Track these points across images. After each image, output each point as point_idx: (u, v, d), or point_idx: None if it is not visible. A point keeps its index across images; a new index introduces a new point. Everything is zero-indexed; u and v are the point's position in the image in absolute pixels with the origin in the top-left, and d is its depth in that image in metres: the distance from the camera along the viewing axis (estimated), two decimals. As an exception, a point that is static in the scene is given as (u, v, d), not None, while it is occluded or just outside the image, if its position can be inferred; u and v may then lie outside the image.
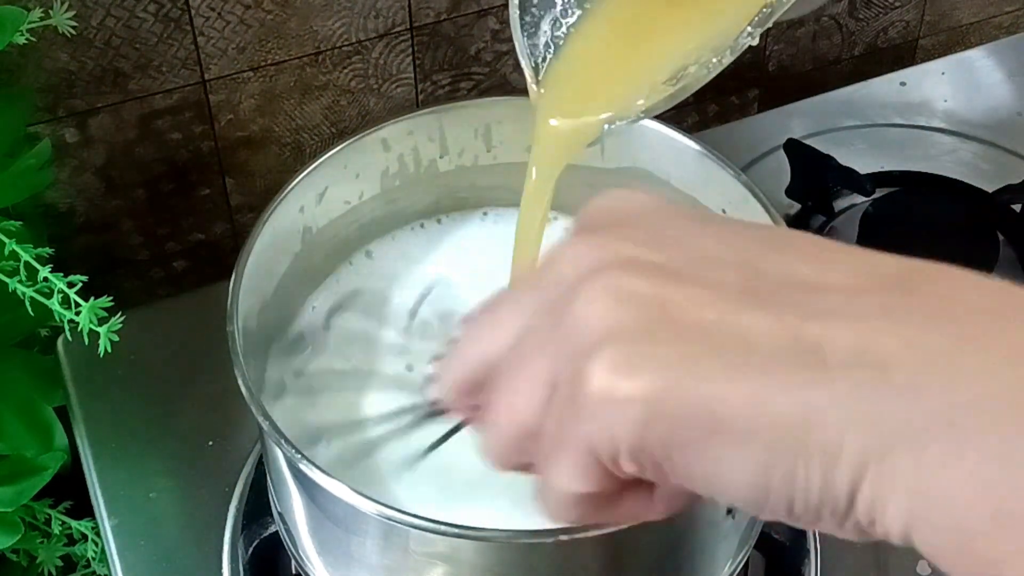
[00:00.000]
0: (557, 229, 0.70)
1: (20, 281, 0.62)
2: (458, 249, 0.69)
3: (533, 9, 0.56)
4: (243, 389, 0.53)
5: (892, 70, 0.98)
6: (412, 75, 0.86)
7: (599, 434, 0.33)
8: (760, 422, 0.31)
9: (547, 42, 0.56)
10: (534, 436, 0.36)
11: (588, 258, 0.35)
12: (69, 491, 0.75)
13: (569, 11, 0.56)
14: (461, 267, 0.68)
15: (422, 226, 0.69)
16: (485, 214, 0.70)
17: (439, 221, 0.70)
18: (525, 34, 0.56)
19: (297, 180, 0.62)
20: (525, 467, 0.37)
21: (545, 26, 0.56)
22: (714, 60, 0.51)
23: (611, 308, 0.33)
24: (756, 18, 0.51)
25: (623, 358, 0.33)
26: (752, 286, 0.33)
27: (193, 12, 0.76)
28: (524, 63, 0.55)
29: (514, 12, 0.55)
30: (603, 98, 0.55)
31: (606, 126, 0.54)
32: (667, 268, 0.34)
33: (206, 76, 0.79)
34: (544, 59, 0.56)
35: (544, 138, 0.56)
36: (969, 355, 0.30)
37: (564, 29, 0.56)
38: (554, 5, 0.56)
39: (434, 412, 0.45)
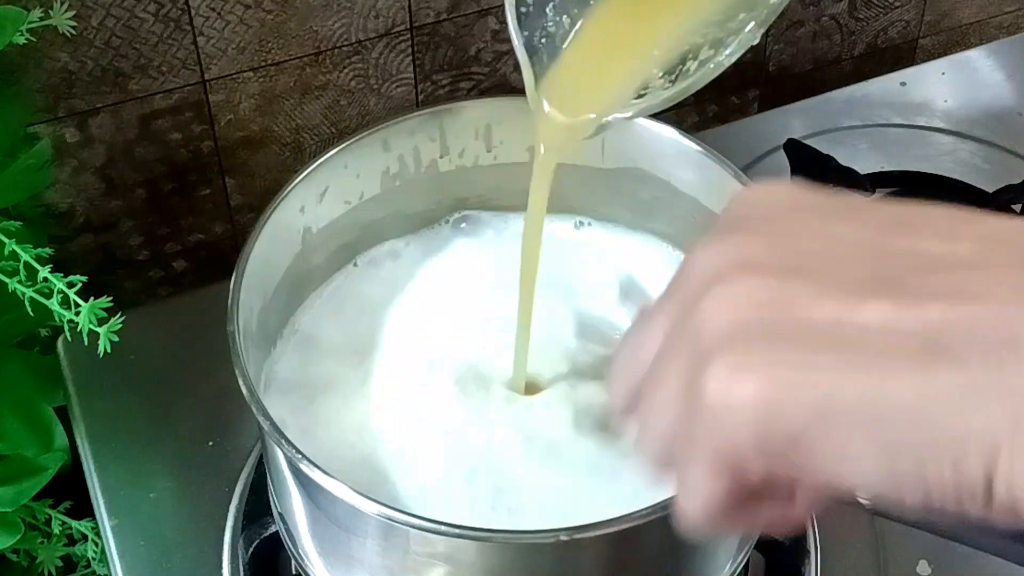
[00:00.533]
0: (560, 229, 0.70)
1: (20, 281, 0.62)
2: (459, 250, 0.69)
3: (528, 7, 0.56)
4: (243, 389, 0.53)
5: (892, 70, 0.98)
6: (412, 75, 0.86)
7: (721, 438, 0.33)
8: (876, 410, 0.31)
9: (543, 37, 0.56)
10: (672, 442, 0.36)
11: (715, 262, 0.35)
12: (69, 491, 0.75)
13: (563, 9, 0.56)
14: (462, 268, 0.68)
15: (424, 228, 0.69)
16: (489, 218, 0.70)
17: (439, 222, 0.70)
18: (524, 31, 0.56)
19: (297, 180, 0.62)
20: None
21: (542, 20, 0.56)
22: (717, 59, 0.51)
23: (730, 312, 0.34)
24: (763, 15, 0.51)
25: (736, 362, 0.33)
26: (874, 274, 0.33)
27: (193, 12, 0.76)
28: (521, 57, 0.55)
29: (511, 11, 0.55)
30: (596, 97, 0.55)
31: (603, 121, 0.54)
32: (787, 266, 0.34)
33: (206, 76, 0.79)
34: (541, 54, 0.56)
35: (541, 134, 0.56)
36: None
37: (562, 25, 0.56)
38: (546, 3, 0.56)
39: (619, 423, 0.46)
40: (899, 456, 0.31)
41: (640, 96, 0.54)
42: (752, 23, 0.51)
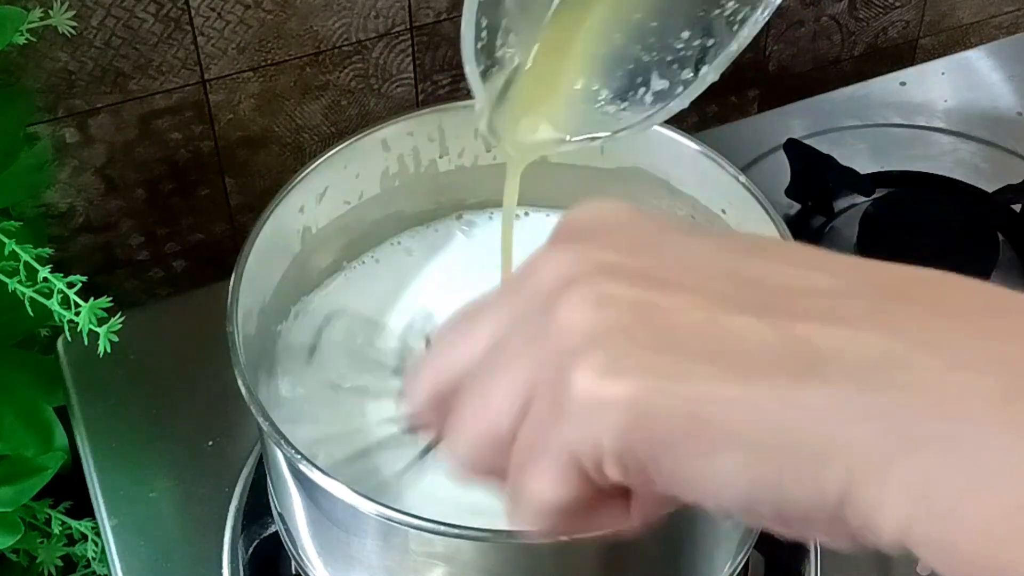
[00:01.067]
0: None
1: (20, 281, 0.62)
2: (460, 251, 0.69)
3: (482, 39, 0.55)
4: (243, 389, 0.53)
5: (892, 70, 0.98)
6: (412, 75, 0.86)
7: (583, 438, 0.33)
8: (746, 424, 0.31)
9: (494, 65, 0.56)
10: (503, 443, 0.35)
11: (567, 266, 0.34)
12: (69, 491, 0.75)
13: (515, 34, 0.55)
14: (462, 268, 0.68)
15: (423, 229, 0.69)
16: (491, 216, 0.70)
17: (439, 221, 0.70)
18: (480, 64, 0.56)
19: (297, 180, 0.62)
20: (490, 475, 0.37)
21: (495, 49, 0.56)
22: (673, 98, 0.51)
23: (594, 312, 0.33)
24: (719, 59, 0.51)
25: (608, 361, 0.32)
26: (737, 291, 0.33)
27: (193, 12, 0.76)
28: (476, 84, 0.55)
29: (468, 38, 0.55)
30: (542, 116, 0.55)
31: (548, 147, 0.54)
32: (650, 274, 0.33)
33: (206, 76, 0.80)
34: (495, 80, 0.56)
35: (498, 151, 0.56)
36: (963, 352, 0.30)
37: (512, 49, 0.56)
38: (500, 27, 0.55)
39: (411, 427, 0.45)
40: (759, 472, 0.31)
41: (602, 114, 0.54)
42: (709, 70, 0.51)
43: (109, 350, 0.61)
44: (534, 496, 0.35)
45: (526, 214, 0.69)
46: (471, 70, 0.53)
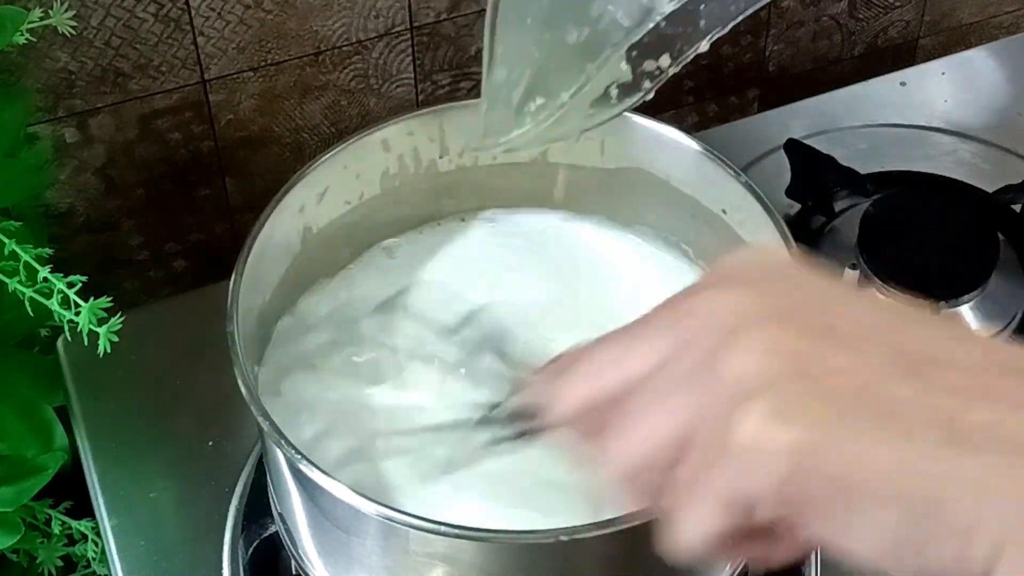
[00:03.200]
0: (558, 228, 0.70)
1: (20, 281, 0.62)
2: (459, 252, 0.69)
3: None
4: (243, 389, 0.53)
5: (892, 70, 0.97)
6: (412, 75, 0.85)
7: (743, 482, 0.34)
8: (901, 486, 0.32)
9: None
10: (659, 469, 0.37)
11: (740, 306, 0.36)
12: (69, 491, 0.75)
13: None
14: (462, 267, 0.68)
15: (422, 227, 0.69)
16: (489, 218, 0.70)
17: (440, 224, 0.70)
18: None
19: (297, 180, 0.62)
20: (642, 495, 0.38)
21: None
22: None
23: (765, 359, 0.34)
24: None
25: (775, 410, 0.33)
26: (895, 358, 0.34)
27: (193, 12, 0.76)
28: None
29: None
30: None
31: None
32: (817, 327, 0.35)
33: (206, 76, 0.79)
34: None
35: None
36: None
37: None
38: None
39: (521, 421, 0.46)
40: (906, 536, 0.32)
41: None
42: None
43: (109, 350, 0.61)
44: (689, 528, 0.36)
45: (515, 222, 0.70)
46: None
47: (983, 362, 0.34)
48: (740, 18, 0.50)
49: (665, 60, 0.53)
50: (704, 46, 0.52)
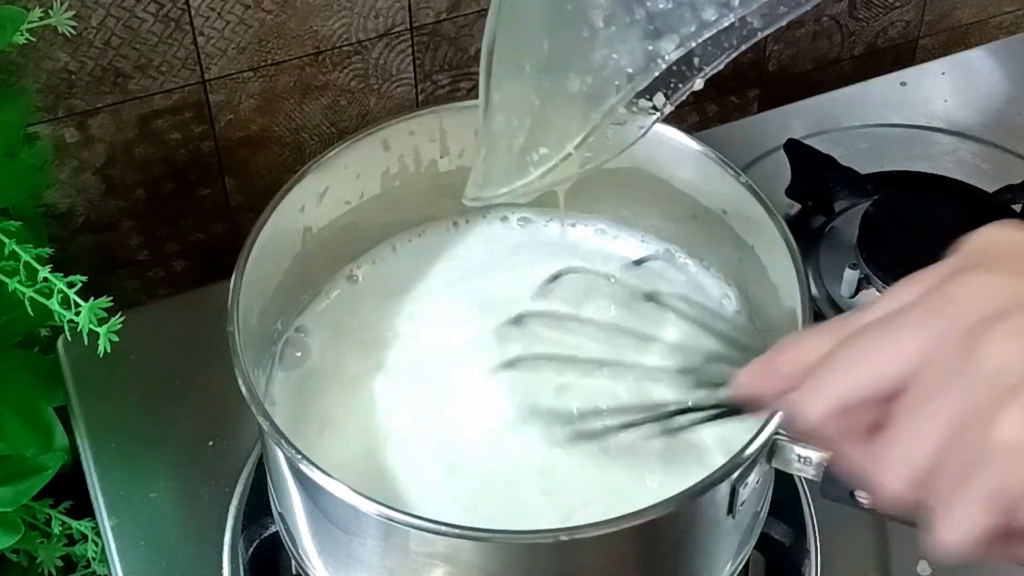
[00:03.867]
0: (558, 228, 0.70)
1: (20, 281, 0.62)
2: (459, 250, 0.69)
3: None
4: (243, 389, 0.53)
5: (892, 70, 0.97)
6: (412, 75, 0.85)
7: (1006, 480, 0.33)
8: None
9: None
10: (934, 473, 0.35)
11: (996, 293, 0.34)
12: (69, 491, 0.75)
13: None
14: (462, 267, 0.68)
15: (422, 227, 0.69)
16: (484, 216, 0.70)
17: (439, 222, 0.70)
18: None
19: (297, 180, 0.62)
20: (917, 502, 0.37)
21: None
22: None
23: (1020, 353, 0.33)
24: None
25: None
26: None
27: (193, 12, 0.76)
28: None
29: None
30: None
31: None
32: None
33: (206, 76, 0.79)
34: None
35: None
36: None
37: None
38: None
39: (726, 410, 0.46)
40: None
41: None
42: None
43: (109, 350, 0.61)
44: (954, 530, 0.35)
45: (515, 223, 0.70)
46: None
47: None
48: (733, 55, 0.50)
49: (660, 99, 0.53)
50: (699, 84, 0.52)
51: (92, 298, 0.61)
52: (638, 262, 0.68)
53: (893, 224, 0.80)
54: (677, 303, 0.63)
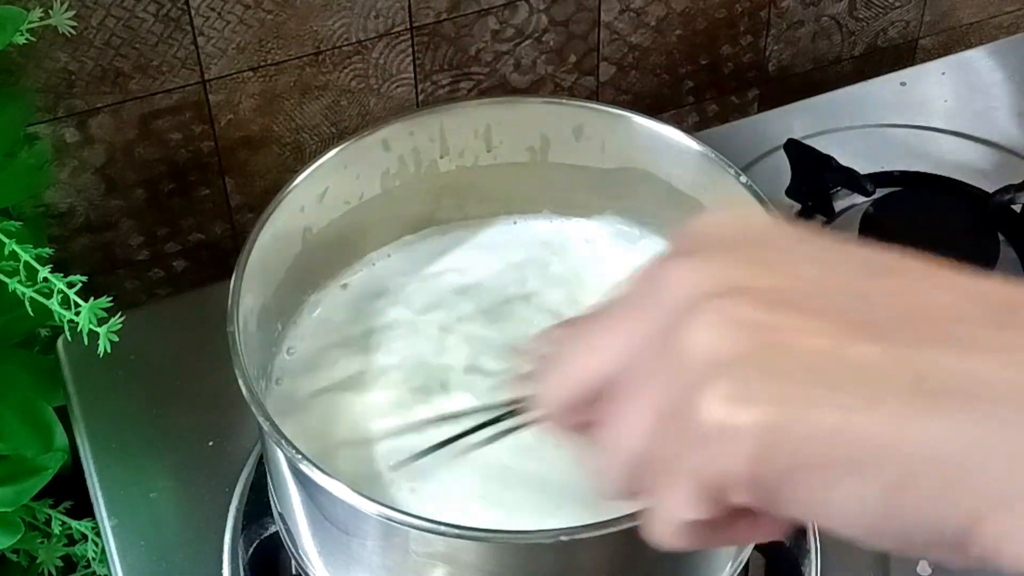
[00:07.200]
0: (558, 228, 0.70)
1: (20, 281, 0.62)
2: (459, 250, 0.69)
3: None
4: (243, 389, 0.53)
5: (892, 70, 0.97)
6: (412, 75, 0.85)
7: (710, 466, 0.33)
8: (874, 453, 0.31)
9: None
10: (644, 463, 0.35)
11: (694, 282, 0.34)
12: (69, 491, 0.75)
13: None
14: (461, 268, 0.68)
15: (422, 228, 0.69)
16: (483, 223, 0.70)
17: (439, 227, 0.70)
18: None
19: (297, 180, 0.62)
20: (634, 493, 0.37)
21: None
22: None
23: (722, 337, 0.33)
24: None
25: (735, 389, 0.32)
26: (861, 315, 0.32)
27: (193, 12, 0.76)
28: None
29: None
30: None
31: None
32: (776, 296, 0.33)
33: (206, 76, 0.79)
34: None
35: None
36: None
37: None
38: None
39: (512, 414, 0.47)
40: (890, 500, 0.31)
41: None
42: None
43: (109, 350, 0.61)
44: (667, 516, 0.35)
45: (515, 223, 0.70)
46: None
47: (958, 306, 0.32)
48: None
49: None
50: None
51: (92, 298, 0.61)
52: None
53: (893, 224, 0.80)
54: None
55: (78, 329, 0.61)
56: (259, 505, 0.66)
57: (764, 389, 0.32)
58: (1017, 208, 0.84)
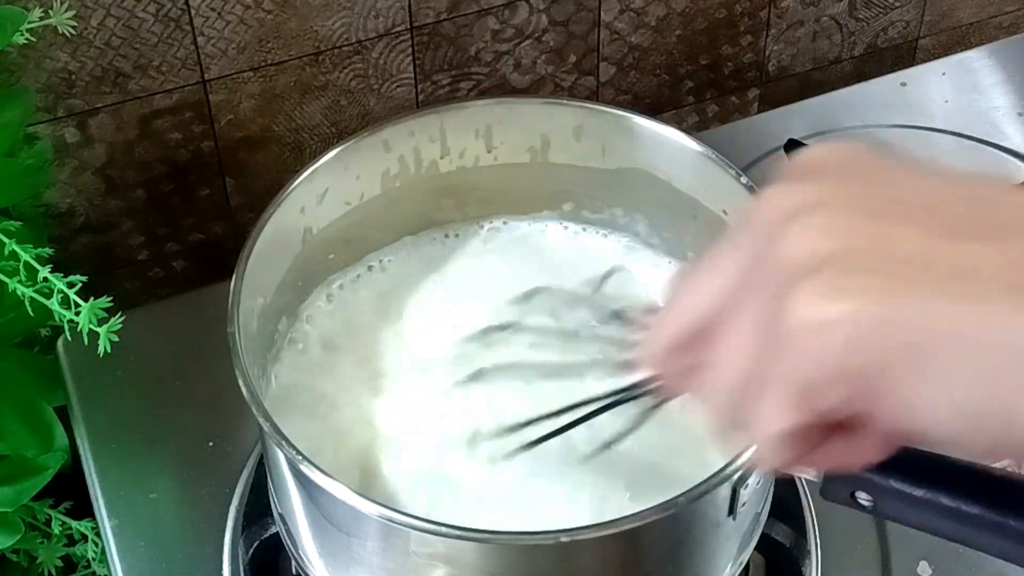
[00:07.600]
0: (558, 229, 0.70)
1: (20, 281, 0.62)
2: (459, 251, 0.69)
3: None
4: (243, 389, 0.53)
5: (892, 70, 0.97)
6: (412, 75, 0.85)
7: (804, 362, 0.32)
8: (972, 345, 0.30)
9: None
10: (747, 385, 0.35)
11: (792, 200, 0.34)
12: (69, 491, 0.75)
13: None
14: (462, 268, 0.68)
15: (422, 228, 0.69)
16: (482, 226, 0.70)
17: (439, 228, 0.70)
18: None
19: (297, 180, 0.62)
20: (743, 424, 0.36)
21: None
22: None
23: (818, 240, 0.33)
24: None
25: (828, 284, 0.32)
26: (959, 222, 0.32)
27: (193, 12, 0.76)
28: None
29: None
30: None
31: None
32: (870, 205, 0.33)
33: (206, 76, 0.79)
34: None
35: None
36: None
37: None
38: None
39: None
40: (994, 391, 0.30)
41: None
42: None
43: (109, 350, 0.61)
44: (762, 430, 0.35)
45: (504, 223, 0.70)
46: None
47: None
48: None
49: None
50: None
51: (92, 298, 0.61)
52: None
53: (893, 224, 0.80)
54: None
55: (78, 329, 0.61)
56: (259, 506, 0.66)
57: (855, 283, 0.32)
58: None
